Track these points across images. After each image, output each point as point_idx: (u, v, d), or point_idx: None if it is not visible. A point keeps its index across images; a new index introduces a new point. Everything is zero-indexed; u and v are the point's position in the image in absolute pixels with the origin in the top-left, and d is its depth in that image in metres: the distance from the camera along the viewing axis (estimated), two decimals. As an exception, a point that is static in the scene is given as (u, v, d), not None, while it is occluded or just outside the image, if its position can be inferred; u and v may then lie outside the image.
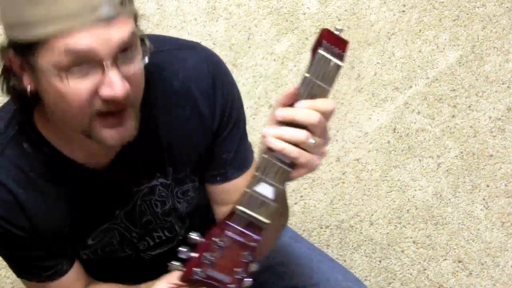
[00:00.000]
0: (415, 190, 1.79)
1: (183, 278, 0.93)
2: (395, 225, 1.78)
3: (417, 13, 1.82)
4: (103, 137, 0.97)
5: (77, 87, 0.92)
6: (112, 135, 0.97)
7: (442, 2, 1.82)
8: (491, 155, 1.80)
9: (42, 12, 0.89)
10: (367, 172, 1.79)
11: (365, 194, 1.79)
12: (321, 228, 1.79)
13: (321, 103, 0.93)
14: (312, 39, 1.81)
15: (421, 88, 1.81)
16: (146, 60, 0.98)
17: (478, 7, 1.83)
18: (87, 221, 1.14)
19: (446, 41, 1.82)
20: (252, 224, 0.94)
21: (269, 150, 0.92)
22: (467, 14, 1.82)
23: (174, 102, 1.11)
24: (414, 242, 1.77)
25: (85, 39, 0.90)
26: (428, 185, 1.79)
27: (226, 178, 1.18)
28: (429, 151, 1.80)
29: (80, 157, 1.09)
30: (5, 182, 1.06)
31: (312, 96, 0.92)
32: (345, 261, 1.76)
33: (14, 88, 1.01)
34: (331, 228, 1.78)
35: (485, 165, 1.79)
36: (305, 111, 0.92)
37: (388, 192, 1.79)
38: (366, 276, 1.77)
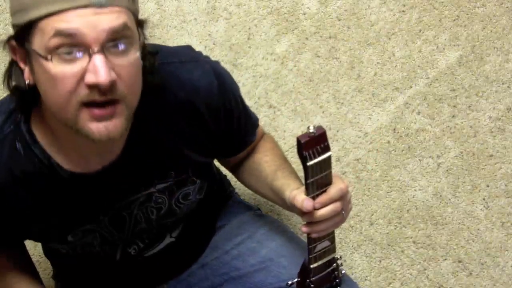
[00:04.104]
0: (415, 190, 1.79)
1: None
2: (395, 225, 1.78)
3: (417, 13, 1.82)
4: (89, 130, 0.97)
5: (64, 70, 0.94)
6: (99, 129, 0.97)
7: (442, 2, 1.82)
8: (491, 155, 1.80)
9: None
10: (367, 172, 1.79)
11: (365, 194, 1.79)
12: (321, 228, 1.79)
13: (335, 193, 1.05)
14: (312, 39, 1.82)
15: (421, 88, 1.81)
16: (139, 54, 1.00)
17: (478, 7, 1.83)
18: (68, 220, 1.15)
19: (446, 41, 1.82)
20: (328, 261, 1.16)
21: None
22: (467, 14, 1.82)
23: (178, 112, 1.12)
24: (414, 242, 1.77)
25: (74, 22, 0.92)
26: (428, 185, 1.79)
27: (246, 145, 1.29)
28: (429, 151, 1.80)
29: (70, 163, 1.09)
30: None
31: (320, 186, 1.03)
32: (345, 261, 1.76)
33: (16, 85, 1.02)
34: (331, 228, 1.78)
35: (485, 165, 1.79)
36: (326, 211, 1.06)
37: (388, 192, 1.79)
38: (366, 276, 1.77)
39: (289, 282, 1.19)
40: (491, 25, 1.82)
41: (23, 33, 0.96)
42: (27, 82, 1.00)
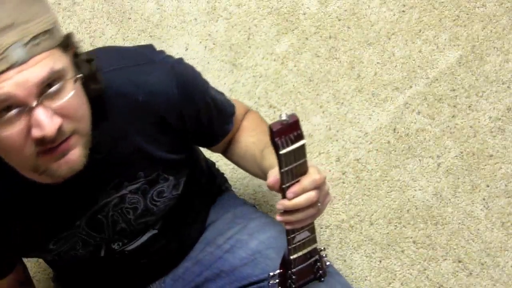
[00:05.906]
0: (415, 190, 1.79)
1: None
2: (395, 225, 1.78)
3: (417, 13, 1.82)
4: (53, 171, 0.98)
5: (9, 132, 0.93)
6: (60, 166, 0.98)
7: (442, 2, 1.82)
8: (491, 155, 1.80)
9: None
10: (367, 172, 1.79)
11: (365, 194, 1.79)
12: (321, 228, 1.79)
13: (307, 184, 1.01)
14: (312, 39, 1.82)
15: (421, 88, 1.81)
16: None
17: (478, 7, 1.83)
18: (43, 230, 1.15)
19: (446, 41, 1.82)
20: (308, 252, 1.14)
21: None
22: (467, 14, 1.82)
23: (141, 115, 1.11)
24: (414, 242, 1.77)
25: (2, 87, 0.90)
26: (428, 185, 1.79)
27: (224, 134, 1.27)
28: (429, 151, 1.80)
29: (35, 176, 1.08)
30: None
31: (295, 175, 1.00)
32: (345, 261, 1.76)
33: None
34: (331, 228, 1.78)
35: (485, 165, 1.79)
36: (300, 200, 1.01)
37: (388, 192, 1.79)
38: (366, 276, 1.77)
39: (271, 274, 1.17)
40: (491, 25, 1.82)
41: None
42: None
